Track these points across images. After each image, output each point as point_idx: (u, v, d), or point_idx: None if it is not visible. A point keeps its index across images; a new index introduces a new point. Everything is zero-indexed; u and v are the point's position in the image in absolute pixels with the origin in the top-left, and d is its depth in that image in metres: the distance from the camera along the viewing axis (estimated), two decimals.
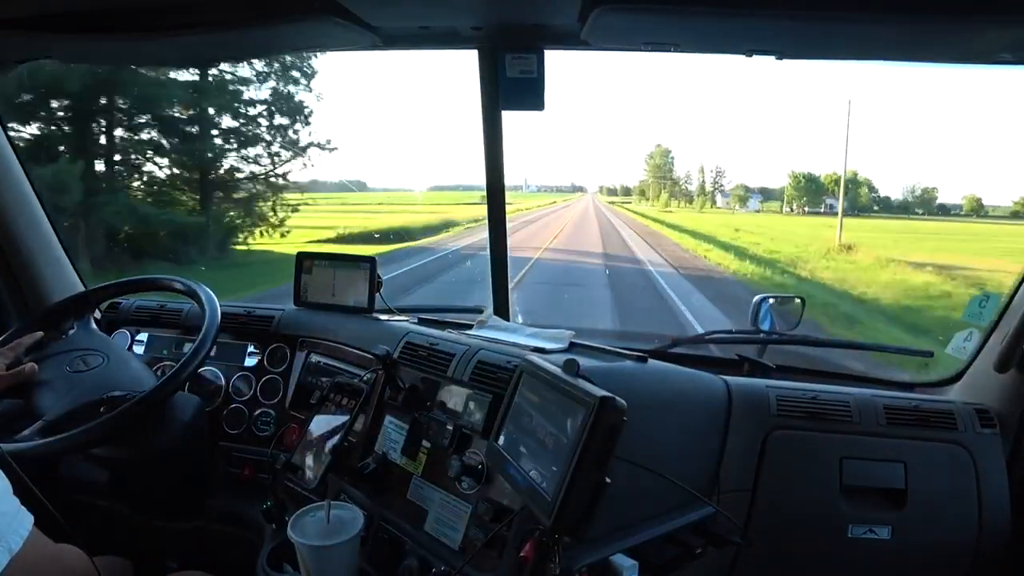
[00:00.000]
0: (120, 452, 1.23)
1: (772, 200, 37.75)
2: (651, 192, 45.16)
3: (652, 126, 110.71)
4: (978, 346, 1.32)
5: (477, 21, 1.22)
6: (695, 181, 41.23)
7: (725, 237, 20.09)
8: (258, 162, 10.02)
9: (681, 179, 43.54)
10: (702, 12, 0.97)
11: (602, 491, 0.70)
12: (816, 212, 33.17)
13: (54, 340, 1.30)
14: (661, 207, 40.09)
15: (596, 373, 0.96)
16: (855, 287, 12.04)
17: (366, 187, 23.32)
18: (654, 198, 43.98)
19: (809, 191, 34.33)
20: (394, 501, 1.06)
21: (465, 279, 10.10)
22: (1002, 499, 1.15)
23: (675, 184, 43.53)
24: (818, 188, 33.94)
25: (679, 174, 43.82)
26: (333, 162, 45.96)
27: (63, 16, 1.12)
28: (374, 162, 53.88)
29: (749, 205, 37.85)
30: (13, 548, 0.69)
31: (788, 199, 35.00)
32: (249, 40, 1.22)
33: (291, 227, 10.49)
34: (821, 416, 1.19)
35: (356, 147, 45.15)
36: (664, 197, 41.93)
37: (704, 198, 39.90)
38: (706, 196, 39.70)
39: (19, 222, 1.48)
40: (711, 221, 28.25)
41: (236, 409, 1.43)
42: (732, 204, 38.20)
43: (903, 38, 1.07)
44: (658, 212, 36.40)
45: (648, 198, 45.99)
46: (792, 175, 35.33)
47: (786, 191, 35.30)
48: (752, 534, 1.14)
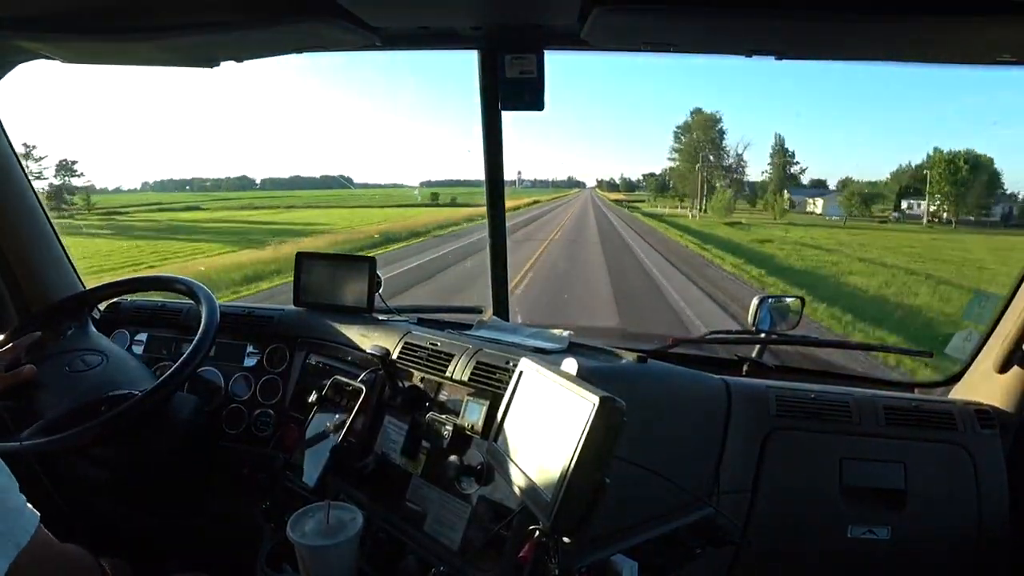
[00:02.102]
0: (120, 452, 1.23)
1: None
2: (684, 185, 27.69)
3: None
4: (978, 346, 1.32)
5: (477, 21, 1.22)
6: (752, 166, 24.52)
7: None
8: None
9: (735, 163, 25.82)
10: (702, 12, 0.97)
11: (602, 491, 0.70)
12: (985, 222, 19.43)
13: (53, 341, 1.30)
14: (720, 212, 25.42)
15: (596, 373, 0.96)
16: None
17: (352, 183, 23.48)
18: (691, 196, 27.28)
19: (968, 185, 19.93)
20: (393, 501, 1.06)
21: None
22: (1001, 499, 1.15)
23: (728, 173, 25.85)
24: (992, 179, 19.51)
25: (733, 156, 26.20)
26: (319, 159, 45.35)
27: (63, 16, 1.12)
28: (361, 158, 54.13)
29: (823, 208, 26.42)
30: (20, 543, 0.70)
31: (940, 198, 20.16)
32: (249, 40, 1.22)
33: None
34: (821, 416, 1.19)
35: (340, 143, 45.46)
36: (725, 196, 26.11)
37: (775, 198, 26.07)
38: (775, 196, 25.73)
39: (19, 222, 1.48)
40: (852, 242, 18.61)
41: (235, 409, 1.43)
42: (814, 207, 24.91)
43: (903, 38, 1.07)
44: (716, 222, 24.02)
45: (677, 195, 29.15)
46: (940, 158, 20.52)
47: (931, 184, 20.89)
48: (752, 534, 1.14)
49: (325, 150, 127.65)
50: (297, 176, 48.01)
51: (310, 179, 57.30)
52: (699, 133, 27.90)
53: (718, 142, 26.78)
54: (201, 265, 12.64)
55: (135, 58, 1.34)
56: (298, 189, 49.55)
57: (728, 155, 27.21)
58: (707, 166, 26.53)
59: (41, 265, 1.54)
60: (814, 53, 1.24)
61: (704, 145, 26.59)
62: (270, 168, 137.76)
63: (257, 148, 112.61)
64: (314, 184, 50.65)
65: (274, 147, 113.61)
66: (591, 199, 38.84)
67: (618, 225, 24.50)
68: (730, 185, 26.36)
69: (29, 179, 1.50)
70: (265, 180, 53.80)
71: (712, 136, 27.40)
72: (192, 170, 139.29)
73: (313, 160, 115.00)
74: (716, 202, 27.37)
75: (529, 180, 50.02)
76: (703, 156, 26.56)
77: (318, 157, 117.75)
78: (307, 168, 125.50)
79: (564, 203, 34.90)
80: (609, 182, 49.73)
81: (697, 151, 27.69)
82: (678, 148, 28.81)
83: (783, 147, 27.13)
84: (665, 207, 30.55)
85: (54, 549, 0.78)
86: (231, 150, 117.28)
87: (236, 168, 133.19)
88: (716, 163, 25.31)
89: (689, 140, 27.91)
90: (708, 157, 26.33)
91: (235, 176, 53.88)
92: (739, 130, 69.29)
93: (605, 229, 22.75)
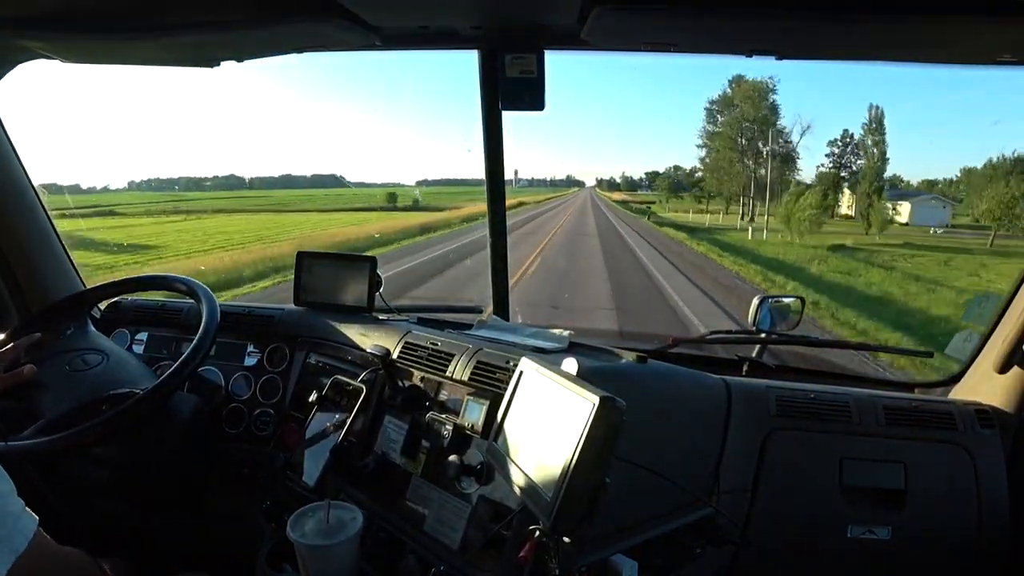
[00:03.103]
0: (120, 451, 1.23)
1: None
2: (721, 183, 18.59)
3: None
4: (977, 346, 1.32)
5: (477, 21, 1.22)
6: (810, 151, 16.27)
7: None
8: None
9: (785, 150, 17.02)
10: (702, 12, 0.97)
11: (602, 491, 0.70)
12: None
13: (52, 341, 1.30)
14: (801, 224, 16.39)
15: (596, 373, 0.96)
16: None
17: (344, 182, 20.57)
18: (730, 196, 18.42)
19: None
20: (393, 501, 1.06)
21: None
22: (1001, 499, 1.15)
23: (783, 163, 17.03)
24: None
25: (790, 141, 17.33)
26: (312, 157, 44.07)
27: (64, 16, 1.12)
28: (354, 157, 53.58)
29: (911, 216, 18.31)
30: (18, 549, 0.69)
31: None
32: (250, 40, 1.22)
33: None
34: (821, 416, 1.19)
35: (332, 143, 44.80)
36: (810, 199, 16.67)
37: (874, 200, 16.82)
38: (874, 197, 16.47)
39: (19, 222, 1.48)
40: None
41: (235, 409, 1.43)
42: (895, 213, 16.88)
43: (903, 38, 1.07)
44: (801, 242, 15.41)
45: (705, 196, 20.72)
46: None
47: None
48: (752, 534, 1.14)
49: (316, 149, 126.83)
50: (288, 175, 47.02)
51: (301, 178, 56.24)
52: (746, 107, 18.91)
53: (771, 120, 18.23)
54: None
55: (136, 58, 1.34)
56: (289, 188, 48.45)
57: (785, 138, 18.75)
58: (752, 153, 17.89)
59: (41, 264, 1.54)
60: (814, 53, 1.24)
61: (752, 127, 17.96)
62: (260, 167, 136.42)
63: (244, 147, 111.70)
64: (306, 183, 49.55)
65: (263, 146, 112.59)
66: (591, 199, 33.97)
67: (638, 249, 15.57)
68: (814, 184, 17.51)
69: (30, 178, 1.50)
70: (254, 179, 52.89)
71: (762, 112, 18.77)
72: (179, 169, 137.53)
73: (306, 159, 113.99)
74: (793, 208, 17.71)
75: (526, 179, 47.63)
76: (748, 139, 17.41)
77: (309, 156, 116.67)
78: (298, 167, 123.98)
79: (557, 205, 26.83)
80: (609, 181, 47.18)
81: (742, 133, 19.03)
82: (714, 131, 19.49)
83: (880, 123, 17.16)
84: (684, 211, 22.04)
85: (53, 553, 0.78)
86: (215, 149, 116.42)
87: (224, 167, 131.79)
88: (774, 150, 16.58)
89: (730, 119, 19.08)
90: (756, 144, 17.53)
91: (223, 175, 52.74)
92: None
93: (615, 253, 15.01)
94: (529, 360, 0.88)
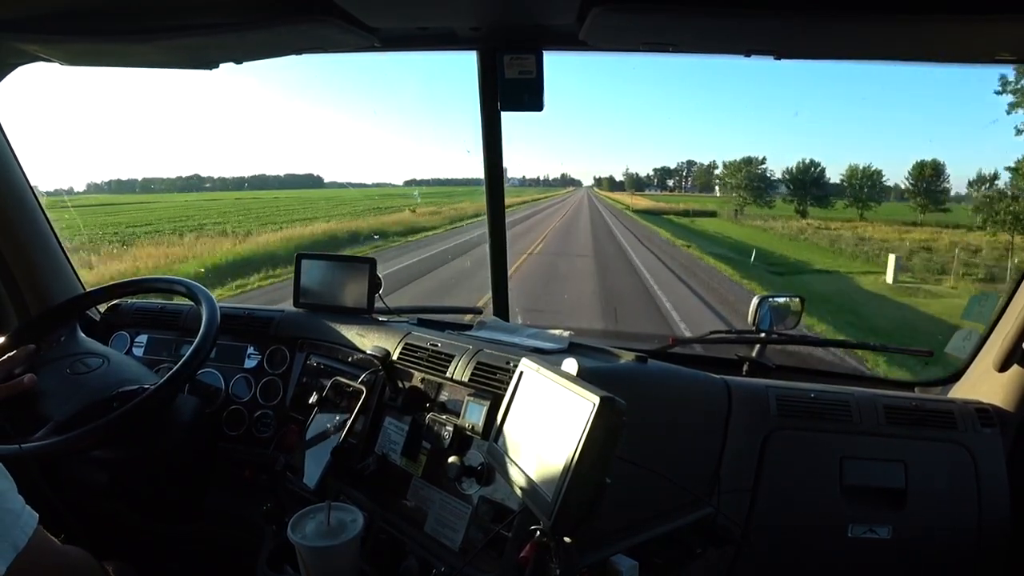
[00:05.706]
0: (120, 453, 1.23)
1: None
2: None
3: None
4: (978, 345, 1.32)
5: (476, 22, 1.22)
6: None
7: None
8: None
9: None
10: (701, 12, 0.97)
11: (602, 491, 0.70)
12: None
13: (49, 347, 1.29)
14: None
15: (596, 373, 0.96)
16: None
17: (322, 182, 19.04)
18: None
19: None
20: (394, 502, 1.06)
21: None
22: (1002, 498, 1.15)
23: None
24: None
25: None
26: (292, 157, 42.60)
27: (62, 17, 1.12)
28: (337, 156, 52.77)
29: None
30: (19, 545, 0.70)
31: None
32: (248, 42, 1.22)
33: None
34: (821, 416, 1.19)
35: (312, 142, 43.81)
36: None
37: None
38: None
39: (19, 223, 1.48)
40: None
41: (236, 411, 1.43)
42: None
43: (903, 38, 1.07)
44: None
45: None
46: None
47: None
48: (752, 534, 1.14)
49: (298, 148, 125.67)
50: (262, 175, 45.77)
51: (275, 177, 54.91)
52: None
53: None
54: None
55: (134, 60, 1.34)
56: (259, 189, 47.09)
57: None
58: None
59: (40, 266, 1.54)
60: (814, 53, 1.24)
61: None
62: (228, 167, 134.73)
63: (210, 146, 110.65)
64: (280, 183, 48.28)
65: (231, 146, 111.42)
66: (587, 201, 25.18)
67: None
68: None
69: (28, 180, 1.50)
70: (216, 180, 50.95)
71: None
72: (144, 170, 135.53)
73: (289, 158, 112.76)
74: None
75: (517, 178, 45.28)
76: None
77: (288, 155, 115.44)
78: (269, 167, 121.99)
79: (542, 210, 20.69)
80: (610, 179, 42.69)
81: None
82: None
83: None
84: (763, 219, 16.94)
85: (54, 551, 0.78)
86: (181, 149, 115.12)
87: (188, 167, 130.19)
88: None
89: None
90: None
91: (186, 175, 51.43)
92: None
93: None
94: (529, 361, 0.88)
